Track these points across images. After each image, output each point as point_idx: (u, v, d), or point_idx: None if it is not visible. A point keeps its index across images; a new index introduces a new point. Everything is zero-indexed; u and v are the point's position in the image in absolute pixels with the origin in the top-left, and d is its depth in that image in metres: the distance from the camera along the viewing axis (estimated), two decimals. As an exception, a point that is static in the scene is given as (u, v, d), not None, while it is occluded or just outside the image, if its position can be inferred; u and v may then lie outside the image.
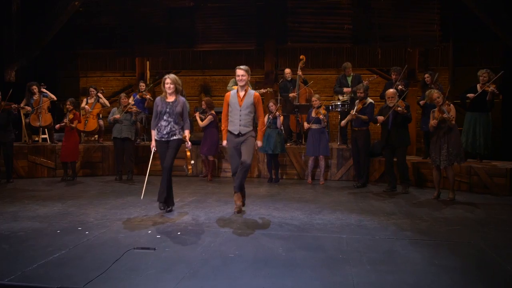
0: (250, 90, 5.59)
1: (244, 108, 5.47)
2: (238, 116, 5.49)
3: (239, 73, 5.42)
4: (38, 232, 4.62)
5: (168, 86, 5.45)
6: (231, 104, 5.54)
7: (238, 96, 5.52)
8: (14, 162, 8.65)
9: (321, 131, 8.14)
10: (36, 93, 9.27)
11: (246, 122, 5.49)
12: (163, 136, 5.49)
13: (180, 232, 4.68)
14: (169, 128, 5.46)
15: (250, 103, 5.48)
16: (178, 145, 5.55)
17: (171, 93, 5.48)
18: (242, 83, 5.46)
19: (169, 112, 5.44)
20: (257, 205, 6.18)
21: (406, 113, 6.97)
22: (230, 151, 5.62)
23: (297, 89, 9.64)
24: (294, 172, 9.02)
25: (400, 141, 7.15)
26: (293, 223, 5.14)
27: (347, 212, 5.76)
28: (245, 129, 5.48)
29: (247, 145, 5.48)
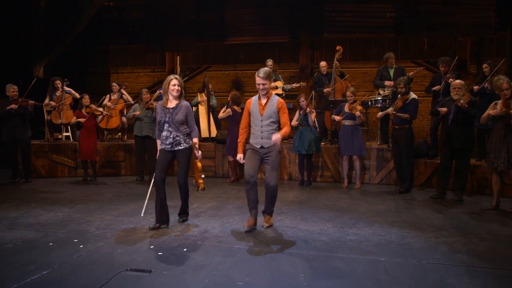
0: (274, 96, 4.73)
1: (266, 118, 4.63)
2: (259, 128, 4.68)
3: (259, 82, 4.58)
4: (28, 245, 4.08)
5: (174, 88, 4.67)
6: (252, 112, 4.73)
7: (260, 104, 4.69)
8: (35, 161, 8.34)
9: (354, 128, 7.26)
10: (59, 88, 8.92)
11: (268, 134, 4.62)
12: (166, 146, 4.77)
13: (187, 249, 4.01)
14: (172, 138, 4.71)
15: (273, 112, 4.64)
16: (188, 155, 4.80)
17: (176, 97, 4.73)
18: (263, 92, 4.63)
19: (168, 122, 4.70)
20: (283, 214, 5.43)
21: (467, 109, 5.95)
22: (248, 153, 4.79)
23: (332, 83, 8.77)
24: (328, 174, 8.19)
25: (461, 141, 6.14)
26: (321, 239, 4.35)
27: (386, 226, 4.90)
28: (268, 142, 4.63)
29: (272, 162, 4.65)
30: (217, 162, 8.69)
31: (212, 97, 9.44)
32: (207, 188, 7.24)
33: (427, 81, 9.14)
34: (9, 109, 7.42)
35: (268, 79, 4.57)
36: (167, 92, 4.69)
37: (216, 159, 8.70)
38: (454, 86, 6.19)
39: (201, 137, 9.30)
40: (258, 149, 4.68)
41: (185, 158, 4.76)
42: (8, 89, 7.66)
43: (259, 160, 4.71)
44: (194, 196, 6.56)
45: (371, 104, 8.57)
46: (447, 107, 6.22)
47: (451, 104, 6.17)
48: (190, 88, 12.35)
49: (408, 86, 6.86)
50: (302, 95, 7.77)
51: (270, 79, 4.61)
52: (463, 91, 6.08)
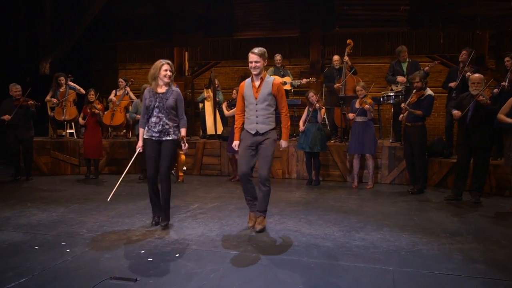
0: (268, 77, 4.43)
1: (261, 101, 4.33)
2: (254, 112, 4.38)
3: (252, 59, 4.30)
4: (12, 248, 3.86)
5: (166, 73, 4.38)
6: (246, 96, 4.44)
7: (253, 86, 4.38)
8: (37, 158, 8.18)
9: (366, 124, 6.90)
10: (63, 84, 8.75)
11: (264, 119, 4.35)
12: (153, 134, 4.45)
13: (179, 254, 3.73)
14: (160, 125, 4.40)
15: (268, 93, 4.33)
16: (174, 147, 4.50)
17: (167, 83, 4.44)
18: (256, 71, 4.32)
19: (159, 107, 4.40)
20: (286, 216, 5.13)
21: (489, 105, 5.55)
22: (241, 150, 4.49)
23: (343, 79, 8.43)
24: (338, 173, 7.85)
25: (481, 140, 5.74)
26: (325, 245, 4.04)
27: (397, 230, 4.56)
28: (264, 127, 4.36)
29: (265, 152, 4.36)
30: (223, 160, 8.42)
31: (218, 93, 9.17)
32: (210, 187, 7.04)
33: (442, 76, 8.72)
34: (2, 120, 7.29)
35: (262, 57, 4.29)
36: (158, 78, 4.40)
37: (222, 157, 8.43)
38: (473, 80, 5.79)
39: (207, 134, 9.06)
40: (253, 136, 4.40)
41: (170, 150, 4.44)
42: (11, 89, 7.52)
43: (253, 156, 4.43)
44: (195, 196, 6.33)
45: (383, 101, 8.20)
46: (465, 104, 5.83)
47: (469, 100, 5.78)
48: (199, 85, 12.12)
49: (425, 81, 6.46)
50: (311, 90, 7.44)
51: (264, 58, 4.31)
52: (482, 86, 5.68)
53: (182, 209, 5.45)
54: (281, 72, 9.18)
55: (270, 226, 4.66)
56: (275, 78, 4.46)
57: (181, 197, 6.22)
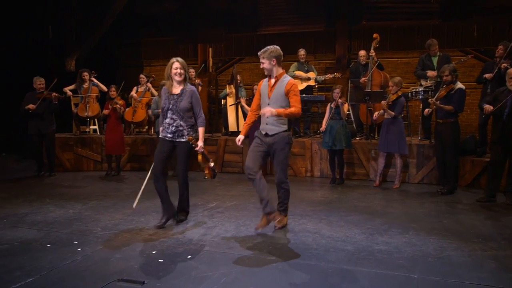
0: (285, 77, 4.21)
1: (273, 101, 4.12)
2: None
3: (262, 60, 4.16)
4: (24, 246, 3.80)
5: (176, 71, 4.25)
6: (262, 95, 4.28)
7: (269, 85, 4.22)
8: (60, 154, 8.24)
9: (394, 122, 6.59)
10: (87, 80, 8.77)
11: (275, 120, 4.15)
12: (167, 135, 4.35)
13: (191, 256, 3.59)
14: (174, 127, 4.30)
15: (281, 94, 4.11)
16: (188, 150, 4.37)
17: (180, 81, 4.31)
18: (265, 71, 4.19)
19: (172, 109, 4.28)
20: (306, 216, 4.91)
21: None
22: (251, 146, 4.34)
23: (369, 74, 8.10)
24: (363, 171, 7.56)
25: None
26: (345, 248, 3.81)
27: (424, 233, 4.28)
28: (273, 129, 4.16)
29: (278, 158, 4.22)
30: (245, 157, 8.20)
31: (241, 89, 9.01)
32: (230, 185, 6.88)
33: (476, 71, 8.30)
34: (27, 109, 7.32)
35: (266, 58, 4.10)
36: (170, 77, 4.29)
37: (244, 154, 8.24)
38: (511, 75, 5.41)
39: (229, 131, 8.91)
40: (264, 137, 4.22)
41: (185, 153, 4.35)
42: (35, 82, 7.57)
43: (262, 153, 4.26)
44: (214, 194, 6.19)
45: (411, 96, 7.84)
46: (501, 99, 5.46)
47: (506, 95, 5.41)
48: (223, 81, 12.01)
49: (455, 74, 6.10)
50: (338, 86, 7.17)
51: (271, 58, 4.11)
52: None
53: (199, 208, 5.32)
54: (305, 68, 8.93)
55: (289, 227, 4.46)
56: (291, 78, 4.23)
57: (200, 195, 6.10)
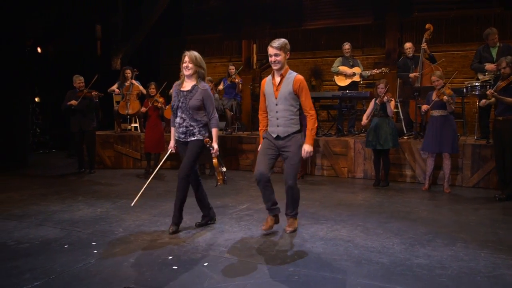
0: (290, 73, 3.84)
1: (281, 101, 3.76)
2: (274, 113, 3.84)
3: (271, 52, 3.76)
4: (42, 246, 3.71)
5: (185, 65, 3.99)
6: (267, 95, 3.91)
7: (273, 84, 3.84)
8: (101, 152, 8.32)
9: (444, 119, 6.01)
10: (129, 78, 8.81)
11: (286, 121, 3.79)
12: (180, 136, 4.08)
13: (208, 263, 3.32)
14: (184, 127, 4.01)
15: (289, 92, 3.75)
16: (198, 147, 4.03)
17: (189, 76, 4.02)
18: (276, 66, 3.78)
19: (181, 107, 3.99)
20: (341, 222, 4.51)
21: None
22: (261, 150, 3.99)
23: (419, 68, 7.51)
24: (410, 173, 7.00)
25: None
26: (380, 261, 3.40)
27: (474, 246, 3.76)
28: (285, 131, 3.80)
29: (290, 161, 3.84)
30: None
31: (282, 86, 8.67)
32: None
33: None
34: (69, 105, 7.41)
35: (282, 50, 3.73)
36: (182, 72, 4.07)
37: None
38: None
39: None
40: (274, 140, 3.87)
41: (194, 150, 4.02)
42: (74, 80, 7.67)
43: (273, 155, 3.92)
44: (247, 195, 5.93)
45: (467, 92, 7.18)
46: None
47: None
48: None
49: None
50: (382, 80, 6.67)
51: (285, 51, 3.75)
52: None
53: (229, 209, 5.07)
54: (350, 62, 8.45)
55: (320, 234, 4.09)
56: (297, 74, 3.85)
57: (233, 195, 5.86)
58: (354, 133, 8.40)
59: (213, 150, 4.00)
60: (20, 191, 6.03)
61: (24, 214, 4.78)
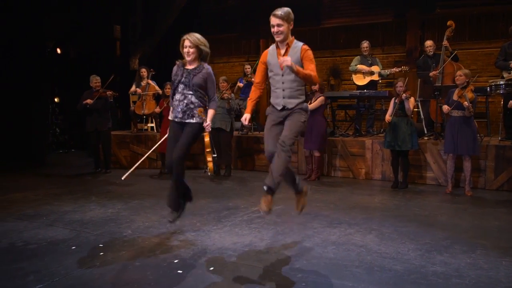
0: (296, 42, 3.59)
1: (287, 72, 3.51)
2: (280, 85, 3.59)
3: (273, 22, 3.49)
4: (50, 247, 3.69)
5: (186, 51, 3.77)
6: (270, 65, 3.63)
7: (279, 54, 3.59)
8: (117, 152, 8.35)
9: (464, 120, 5.78)
10: (145, 78, 8.80)
11: (292, 92, 3.55)
12: (177, 115, 3.82)
13: (214, 267, 3.24)
14: (184, 104, 3.77)
15: (297, 61, 3.49)
16: (196, 131, 3.80)
17: (192, 60, 3.85)
18: (279, 37, 3.51)
19: (184, 82, 3.78)
20: (355, 226, 4.36)
21: None
22: (267, 128, 3.68)
23: (440, 65, 7.26)
24: (431, 175, 6.77)
25: None
26: (394, 268, 3.24)
27: (495, 253, 3.56)
28: (292, 102, 3.55)
29: (292, 119, 3.54)
30: (300, 157, 7.78)
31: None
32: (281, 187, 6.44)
33: None
34: (85, 103, 7.44)
35: (285, 20, 3.46)
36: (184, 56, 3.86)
37: (299, 153, 7.79)
38: None
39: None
40: (279, 112, 3.60)
41: (191, 133, 3.78)
42: (91, 80, 7.69)
43: (280, 129, 3.58)
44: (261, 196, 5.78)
45: (491, 91, 6.91)
46: None
47: None
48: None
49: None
50: (400, 79, 6.49)
51: (289, 21, 3.49)
52: None
53: (240, 211, 4.98)
54: (369, 61, 8.25)
55: (332, 239, 3.95)
56: (303, 43, 3.60)
57: (246, 197, 5.77)
58: (373, 133, 8.20)
59: (205, 124, 3.77)
60: (35, 190, 6.08)
61: (36, 214, 4.79)
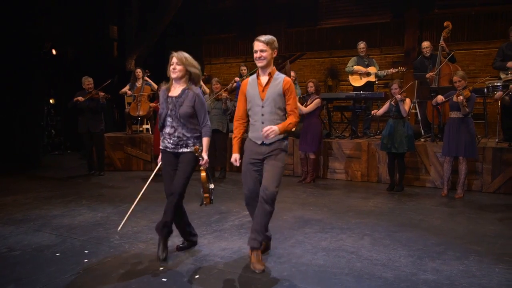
0: (278, 74, 3.43)
1: (268, 103, 3.34)
2: (259, 117, 3.37)
3: (256, 47, 3.31)
4: (34, 254, 3.61)
5: (172, 67, 3.48)
6: (250, 96, 3.44)
7: (259, 84, 3.41)
8: (111, 154, 8.27)
9: (462, 122, 5.69)
10: (140, 78, 8.73)
11: (272, 125, 3.28)
12: (169, 145, 3.57)
13: (200, 275, 3.16)
14: (176, 137, 3.52)
15: (278, 93, 3.35)
16: (192, 161, 3.54)
17: (178, 79, 3.52)
18: (262, 62, 3.29)
19: (171, 115, 3.51)
20: (347, 230, 4.28)
21: None
22: (244, 166, 3.47)
23: (437, 67, 7.17)
24: (427, 178, 6.68)
25: None
26: (384, 275, 3.16)
27: (489, 260, 3.48)
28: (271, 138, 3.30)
29: (273, 164, 3.33)
30: (296, 159, 7.69)
31: (295, 86, 8.46)
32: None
33: None
34: (75, 100, 7.35)
35: (269, 46, 3.28)
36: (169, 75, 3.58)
37: (295, 156, 7.71)
38: None
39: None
40: (258, 148, 3.40)
41: (188, 165, 3.54)
42: (83, 82, 7.61)
43: (259, 169, 3.43)
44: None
45: (488, 92, 6.82)
46: None
47: None
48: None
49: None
50: (395, 81, 6.41)
51: (273, 48, 3.31)
52: None
53: (231, 215, 4.90)
54: (365, 62, 8.18)
55: (323, 244, 3.87)
56: (285, 77, 3.43)
57: (238, 200, 5.66)
58: (369, 135, 8.12)
59: (202, 161, 3.51)
60: (26, 193, 6.00)
61: (24, 218, 4.72)
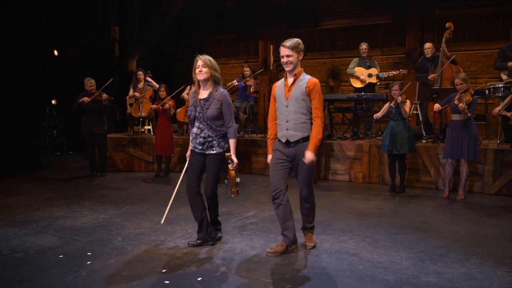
0: (304, 75, 3.62)
1: (292, 102, 3.54)
2: (284, 116, 3.60)
3: (282, 53, 3.54)
4: (37, 256, 3.63)
5: (199, 70, 3.66)
6: (277, 97, 3.68)
7: (286, 85, 3.62)
8: (113, 155, 8.30)
9: (464, 124, 5.70)
10: (141, 80, 8.75)
11: (296, 125, 3.53)
12: (196, 146, 3.82)
13: (202, 277, 3.17)
14: (202, 138, 3.75)
15: (301, 94, 3.51)
16: (220, 162, 3.79)
17: (204, 82, 3.73)
18: (289, 67, 3.54)
19: (198, 117, 3.73)
20: (348, 232, 4.30)
21: None
22: (272, 164, 3.74)
23: (439, 68, 7.18)
24: (428, 179, 6.69)
25: None
26: (385, 278, 3.17)
27: (490, 262, 3.49)
28: (295, 135, 3.55)
29: (304, 170, 3.62)
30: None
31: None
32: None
33: None
34: (81, 101, 7.38)
35: (295, 50, 3.51)
36: (195, 78, 3.77)
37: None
38: None
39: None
40: (284, 147, 3.62)
41: (215, 167, 3.79)
42: (86, 83, 7.63)
43: (287, 169, 3.68)
44: (256, 201, 5.75)
45: (489, 93, 6.83)
46: None
47: None
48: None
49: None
50: (396, 82, 6.41)
51: (298, 51, 3.54)
52: None
53: (233, 217, 4.91)
54: (367, 63, 8.19)
55: (325, 246, 3.89)
56: (312, 77, 3.62)
57: (241, 201, 5.69)
58: (371, 136, 8.13)
59: (233, 165, 3.70)
60: (28, 195, 6.03)
61: (26, 220, 4.74)
